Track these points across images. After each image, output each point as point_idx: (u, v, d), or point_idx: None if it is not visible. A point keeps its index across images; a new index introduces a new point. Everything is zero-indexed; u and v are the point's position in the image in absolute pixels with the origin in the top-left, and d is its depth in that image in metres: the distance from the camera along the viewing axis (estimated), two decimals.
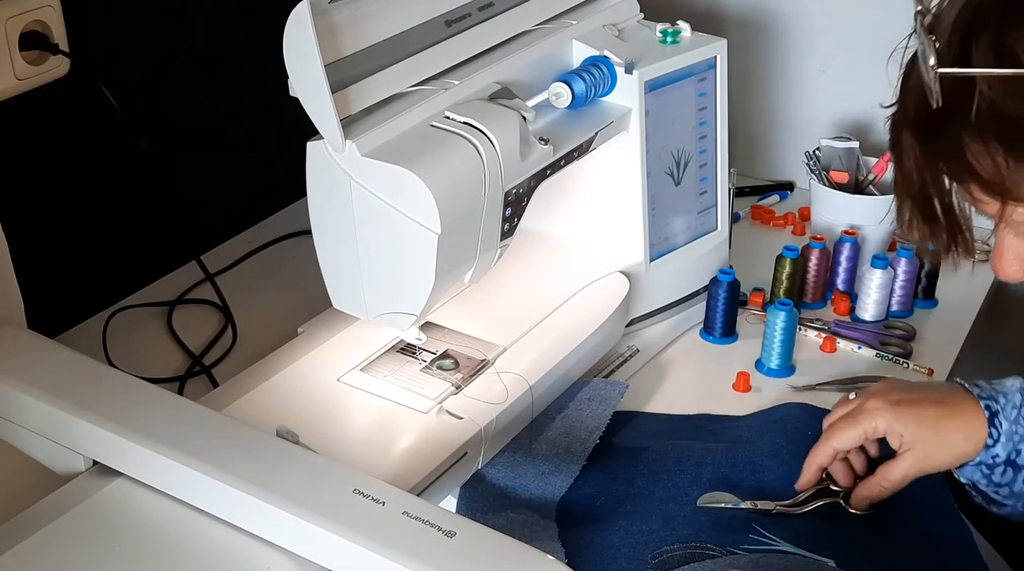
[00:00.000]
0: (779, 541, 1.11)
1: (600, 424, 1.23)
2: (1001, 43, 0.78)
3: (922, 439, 1.08)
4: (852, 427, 1.12)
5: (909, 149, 0.87)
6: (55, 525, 1.00)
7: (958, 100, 0.80)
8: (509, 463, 1.18)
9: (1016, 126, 0.78)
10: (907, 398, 1.11)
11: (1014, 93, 0.77)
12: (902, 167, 0.88)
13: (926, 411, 1.09)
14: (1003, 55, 0.77)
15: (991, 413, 1.07)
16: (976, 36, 0.79)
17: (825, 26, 1.71)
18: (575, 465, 1.19)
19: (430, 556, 0.92)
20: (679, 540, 1.11)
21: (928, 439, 1.08)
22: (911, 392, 1.12)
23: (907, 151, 0.87)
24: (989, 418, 1.07)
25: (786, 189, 1.79)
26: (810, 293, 1.51)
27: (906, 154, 0.87)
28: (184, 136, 1.53)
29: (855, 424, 1.12)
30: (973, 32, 0.79)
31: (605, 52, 1.31)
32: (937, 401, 1.10)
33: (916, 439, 1.09)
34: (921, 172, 0.87)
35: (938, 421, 1.08)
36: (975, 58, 0.79)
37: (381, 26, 1.12)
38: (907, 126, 0.86)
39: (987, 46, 0.78)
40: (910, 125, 0.86)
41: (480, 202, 1.12)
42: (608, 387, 1.29)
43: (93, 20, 1.34)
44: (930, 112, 0.82)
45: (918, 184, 0.88)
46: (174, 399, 1.11)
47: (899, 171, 0.89)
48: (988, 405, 1.08)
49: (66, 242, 1.41)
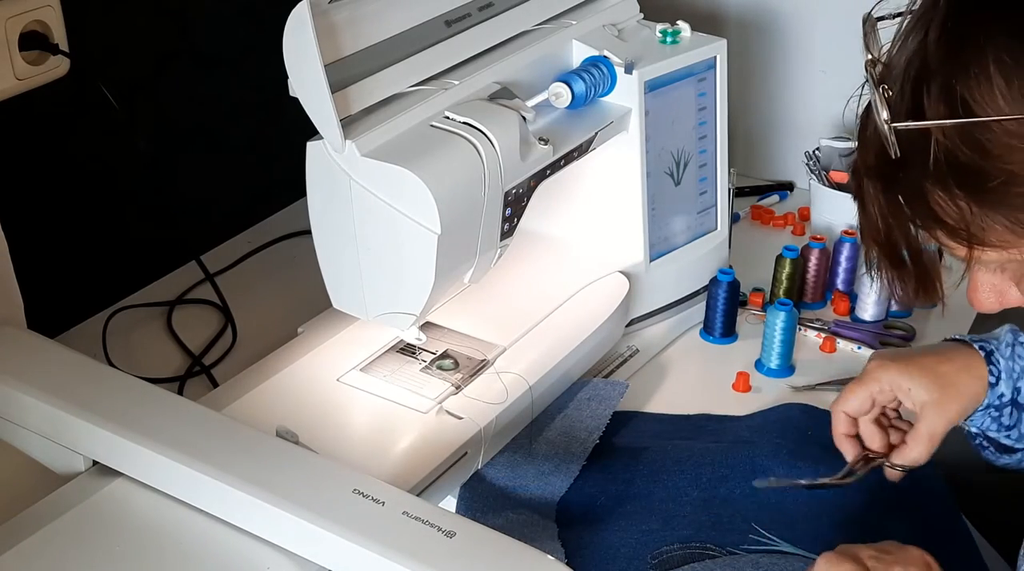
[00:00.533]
0: (779, 541, 1.11)
1: (600, 424, 1.23)
2: (951, 91, 0.77)
3: (931, 389, 1.10)
4: (859, 388, 1.13)
5: (872, 197, 0.86)
6: (55, 525, 1.00)
7: (916, 149, 0.80)
8: (509, 463, 1.18)
9: (975, 173, 0.78)
10: (905, 354, 1.13)
11: (968, 141, 0.77)
12: (866, 214, 0.88)
13: (926, 360, 1.11)
14: (954, 103, 0.77)
15: (986, 353, 1.10)
16: (926, 85, 0.79)
17: (825, 26, 1.71)
18: (575, 465, 1.19)
19: (430, 556, 0.92)
20: (679, 540, 1.11)
21: (937, 387, 1.10)
22: (908, 352, 1.15)
23: (870, 198, 0.87)
24: (985, 357, 1.10)
25: (786, 189, 1.79)
26: (810, 293, 1.51)
27: (869, 201, 0.87)
28: (184, 136, 1.53)
29: (861, 385, 1.13)
30: (923, 81, 0.79)
31: (605, 52, 1.31)
32: (935, 352, 1.13)
33: (925, 391, 1.10)
34: (886, 219, 0.86)
35: (939, 366, 1.11)
36: (927, 108, 0.79)
37: (381, 26, 1.12)
38: (868, 175, 0.86)
39: (937, 95, 0.78)
40: (871, 174, 0.86)
41: (480, 202, 1.12)
42: (608, 387, 1.29)
43: (93, 20, 1.34)
44: (890, 162, 0.82)
45: (883, 230, 0.87)
46: (174, 399, 1.12)
47: (863, 218, 0.89)
48: (982, 346, 1.11)
49: (66, 242, 1.41)
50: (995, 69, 0.76)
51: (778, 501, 1.16)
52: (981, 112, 0.76)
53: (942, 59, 0.78)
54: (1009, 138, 0.76)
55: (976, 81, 0.76)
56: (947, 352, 1.12)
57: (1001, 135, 0.76)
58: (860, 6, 1.67)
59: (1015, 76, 0.75)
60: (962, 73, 0.77)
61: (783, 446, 1.21)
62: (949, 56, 0.78)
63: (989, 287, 0.90)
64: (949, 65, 0.78)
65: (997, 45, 0.76)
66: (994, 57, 0.76)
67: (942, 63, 0.78)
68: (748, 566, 1.07)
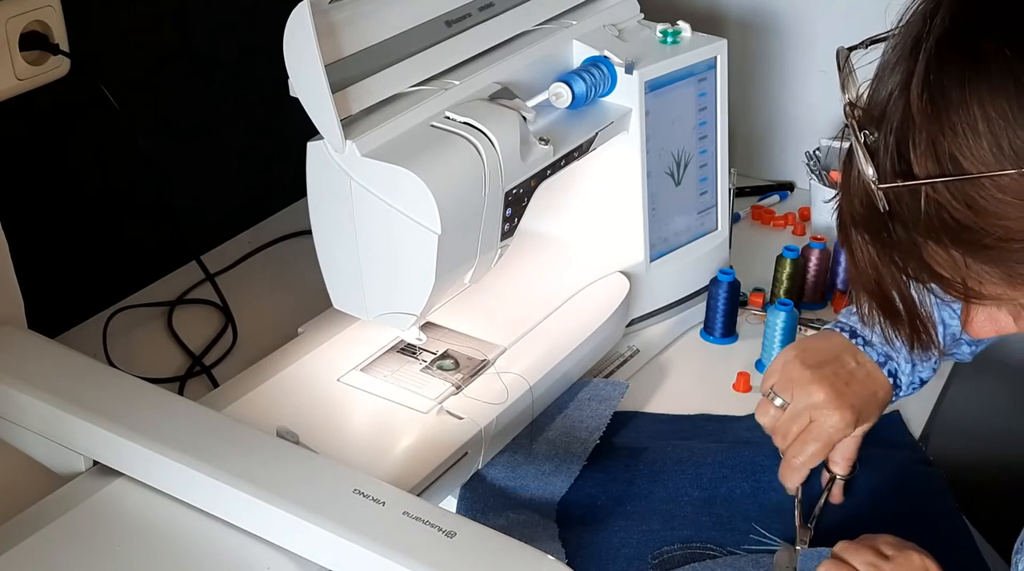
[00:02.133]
0: (780, 541, 1.11)
1: (600, 424, 1.23)
2: (938, 147, 0.74)
3: (866, 419, 1.16)
4: (823, 446, 1.15)
5: (862, 247, 0.83)
6: (55, 525, 1.00)
7: (905, 204, 0.77)
8: (509, 463, 1.18)
9: (968, 230, 0.75)
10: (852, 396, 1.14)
11: (960, 198, 0.74)
12: (856, 263, 0.84)
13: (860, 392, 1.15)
14: (943, 160, 0.74)
15: (893, 377, 1.16)
16: (912, 140, 0.76)
17: (825, 26, 1.71)
18: (575, 465, 1.19)
19: (430, 556, 0.92)
20: (679, 540, 1.11)
21: (868, 416, 1.16)
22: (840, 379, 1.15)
23: (858, 247, 0.83)
24: (892, 382, 1.16)
25: (786, 189, 1.79)
26: (810, 293, 1.51)
27: (858, 250, 0.83)
28: (184, 136, 1.53)
29: (823, 440, 1.15)
30: (908, 136, 0.76)
31: (605, 52, 1.31)
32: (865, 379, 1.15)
33: (864, 420, 1.16)
34: (876, 269, 0.83)
35: (868, 394, 1.15)
36: (915, 163, 0.75)
37: (381, 26, 1.12)
38: (855, 225, 0.82)
39: (925, 151, 0.75)
40: (858, 225, 0.82)
41: (480, 202, 1.12)
42: (608, 387, 1.29)
43: (93, 20, 1.34)
44: (878, 213, 0.78)
45: (874, 280, 0.84)
46: (174, 399, 1.11)
47: (852, 267, 0.85)
48: (889, 370, 1.16)
49: (66, 242, 1.41)
50: (984, 127, 0.73)
51: (778, 501, 1.16)
52: (971, 168, 0.74)
53: (927, 115, 0.75)
54: (1003, 193, 0.73)
55: (964, 138, 0.74)
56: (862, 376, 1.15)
57: (994, 191, 0.74)
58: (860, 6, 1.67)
59: (1004, 132, 0.73)
60: (949, 130, 0.74)
61: None
62: (935, 113, 0.75)
63: (985, 316, 0.86)
64: (935, 122, 0.75)
65: (983, 101, 0.73)
66: (981, 114, 0.73)
67: (928, 119, 0.75)
68: (749, 566, 1.07)
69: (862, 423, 1.15)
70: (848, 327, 1.17)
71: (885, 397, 1.16)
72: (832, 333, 1.18)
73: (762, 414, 1.17)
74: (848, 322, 1.18)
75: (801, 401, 1.13)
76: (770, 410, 1.16)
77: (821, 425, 1.13)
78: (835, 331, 1.18)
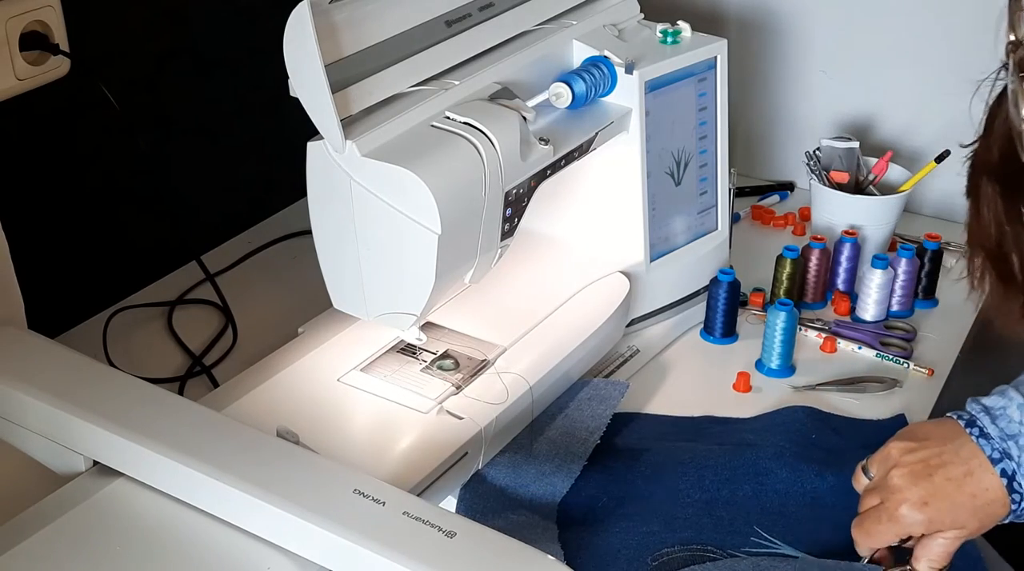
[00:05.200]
0: (781, 544, 1.11)
1: (601, 424, 1.23)
2: None
3: (956, 523, 1.02)
4: (888, 531, 1.05)
5: (989, 198, 0.78)
6: (55, 525, 1.00)
7: None
8: (510, 463, 1.18)
9: None
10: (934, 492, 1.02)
11: None
12: (979, 217, 0.79)
13: (948, 491, 1.01)
14: None
15: (1008, 479, 0.99)
16: None
17: (825, 26, 1.71)
18: (576, 465, 1.19)
19: (430, 556, 0.92)
20: (680, 542, 1.11)
21: (963, 523, 1.02)
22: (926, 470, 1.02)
23: (986, 200, 0.78)
24: (1007, 484, 0.99)
25: (786, 189, 1.79)
26: (810, 293, 1.51)
27: (985, 203, 0.78)
28: (184, 136, 1.53)
29: (891, 527, 1.04)
30: None
31: (605, 52, 1.31)
32: (962, 478, 1.01)
33: (951, 525, 1.02)
34: (1000, 226, 0.78)
35: (962, 497, 1.01)
36: None
37: (381, 26, 1.12)
38: (988, 174, 0.77)
39: None
40: (993, 173, 0.77)
41: (480, 202, 1.12)
42: (609, 387, 1.29)
43: (93, 20, 1.34)
44: (1018, 162, 0.73)
45: (996, 238, 0.78)
46: (174, 399, 1.11)
47: (975, 220, 0.80)
48: (1003, 470, 0.99)
49: (66, 242, 1.41)
50: None
51: (780, 504, 1.16)
52: None
53: None
54: None
55: None
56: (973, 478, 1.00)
57: None
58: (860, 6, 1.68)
59: None
60: None
61: (787, 449, 1.21)
62: None
63: None
64: None
65: None
66: None
67: None
68: (749, 568, 1.07)
69: (947, 526, 1.01)
70: (968, 415, 1.03)
71: (988, 503, 0.99)
72: (948, 420, 1.05)
73: (855, 481, 1.10)
74: (970, 410, 1.04)
75: (880, 479, 1.05)
76: (861, 479, 1.09)
77: (887, 511, 1.04)
78: (952, 418, 1.05)
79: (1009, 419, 1.00)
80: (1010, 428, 0.99)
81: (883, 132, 1.73)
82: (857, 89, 1.72)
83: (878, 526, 1.05)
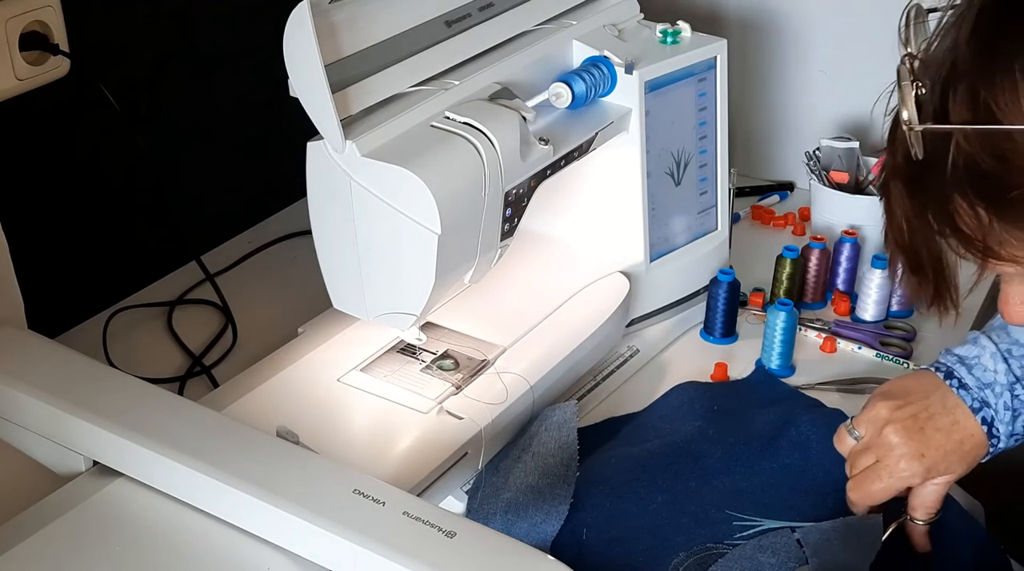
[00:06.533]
0: (762, 520, 1.12)
1: (572, 453, 1.19)
2: (976, 96, 0.75)
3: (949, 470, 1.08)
4: (889, 487, 1.10)
5: (898, 199, 0.84)
6: (55, 525, 1.00)
7: (939, 153, 0.78)
8: (503, 523, 1.12)
9: (994, 183, 0.75)
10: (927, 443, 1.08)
11: (990, 149, 0.75)
12: (892, 216, 0.86)
13: (939, 441, 1.07)
14: (977, 109, 0.75)
15: (988, 425, 1.06)
16: (953, 88, 0.76)
17: (825, 26, 1.71)
18: (563, 506, 1.13)
19: (430, 556, 0.92)
20: (681, 549, 1.09)
21: (953, 468, 1.08)
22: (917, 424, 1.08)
23: (896, 200, 0.85)
24: (987, 431, 1.06)
25: (786, 189, 1.79)
26: (810, 293, 1.51)
27: (895, 203, 0.85)
28: (184, 136, 1.53)
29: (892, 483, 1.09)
30: (951, 84, 0.77)
31: (605, 52, 1.31)
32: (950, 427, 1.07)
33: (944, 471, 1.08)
34: (910, 222, 0.84)
35: (951, 445, 1.07)
36: (952, 111, 0.76)
37: (381, 26, 1.12)
38: (894, 176, 0.84)
39: (963, 98, 0.76)
40: (897, 175, 0.83)
41: (480, 202, 1.12)
42: (559, 411, 1.23)
43: (93, 20, 1.34)
44: (915, 163, 0.79)
45: (907, 235, 0.85)
46: (174, 399, 1.12)
47: (889, 220, 0.86)
48: (983, 417, 1.06)
49: (66, 242, 1.41)
50: (1021, 77, 0.73)
51: (731, 482, 1.17)
52: (1004, 120, 0.74)
53: (970, 61, 0.76)
54: None
55: (1002, 88, 0.74)
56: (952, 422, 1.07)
57: (1023, 145, 0.73)
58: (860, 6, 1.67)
59: None
60: (988, 78, 0.74)
61: (705, 428, 1.23)
62: (977, 59, 0.75)
63: (1019, 299, 0.87)
64: (976, 68, 0.75)
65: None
66: (1021, 66, 0.73)
67: (970, 66, 0.75)
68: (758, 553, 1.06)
69: (940, 473, 1.08)
70: (944, 367, 1.09)
71: (974, 447, 1.07)
72: (925, 373, 1.11)
73: (839, 443, 1.13)
74: (945, 361, 1.10)
75: (872, 439, 1.09)
76: (846, 440, 1.12)
77: (887, 468, 1.08)
78: (930, 370, 1.10)
79: (984, 368, 1.06)
80: (985, 377, 1.06)
81: (883, 132, 1.73)
82: (857, 89, 1.72)
83: (878, 484, 1.09)
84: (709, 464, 1.19)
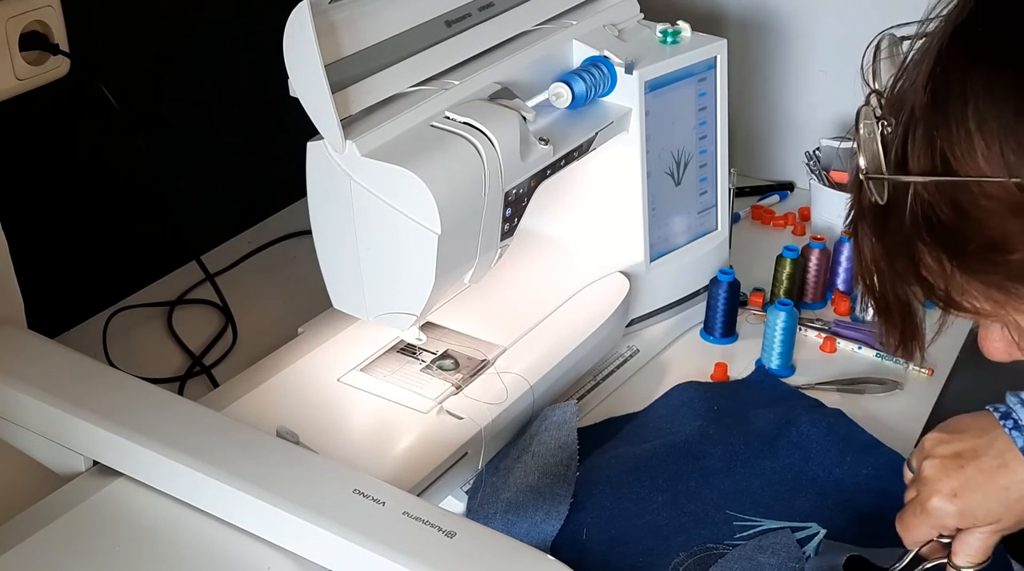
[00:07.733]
0: (761, 520, 1.12)
1: (572, 453, 1.19)
2: (932, 144, 0.72)
3: (990, 517, 0.99)
4: (923, 524, 1.02)
5: (866, 240, 0.81)
6: (55, 525, 1.00)
7: (900, 199, 0.75)
8: (503, 523, 1.12)
9: (952, 233, 0.73)
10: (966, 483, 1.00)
11: (947, 199, 0.72)
12: (860, 256, 0.83)
13: (979, 482, 0.99)
14: (934, 157, 0.72)
15: None
16: (912, 134, 0.73)
17: (825, 26, 1.71)
18: (563, 506, 1.14)
19: (430, 556, 0.92)
20: (681, 549, 1.10)
21: (997, 516, 0.99)
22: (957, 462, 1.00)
23: (864, 239, 0.82)
24: None
25: (786, 189, 1.79)
26: (810, 293, 1.51)
27: (864, 244, 0.82)
28: (184, 136, 1.53)
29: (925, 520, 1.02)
30: (910, 129, 0.74)
31: (605, 52, 1.31)
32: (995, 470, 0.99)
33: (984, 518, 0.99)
34: (877, 263, 0.81)
35: (994, 489, 0.98)
36: (910, 157, 0.73)
37: (381, 26, 1.12)
38: (860, 216, 0.81)
39: (921, 145, 0.73)
40: (862, 217, 0.80)
41: (480, 202, 1.12)
42: (559, 411, 1.23)
43: (93, 20, 1.34)
44: (879, 207, 0.77)
45: (876, 277, 0.82)
46: (174, 399, 1.12)
47: (857, 259, 0.84)
48: None
49: (66, 242, 1.41)
50: (977, 128, 0.70)
51: (731, 483, 1.17)
52: (961, 171, 0.71)
53: (927, 108, 0.73)
54: (988, 201, 0.71)
55: (958, 138, 0.71)
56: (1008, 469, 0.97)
57: (980, 197, 0.71)
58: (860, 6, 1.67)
59: (998, 139, 0.69)
60: (944, 126, 0.71)
61: (705, 428, 1.23)
62: (934, 107, 0.72)
63: (996, 336, 0.84)
64: (932, 115, 0.72)
65: (982, 104, 0.70)
66: (977, 116, 0.70)
67: (927, 113, 0.73)
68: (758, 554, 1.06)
69: (978, 519, 0.99)
70: (1004, 408, 1.00)
71: (1022, 496, 0.97)
72: (983, 413, 1.02)
73: (905, 477, 1.08)
74: (1008, 402, 1.01)
75: (917, 473, 1.03)
76: (905, 471, 1.08)
77: (921, 503, 1.01)
78: (988, 411, 1.01)
79: None
80: None
81: None
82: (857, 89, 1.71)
83: (914, 519, 1.03)
84: (709, 464, 1.19)
